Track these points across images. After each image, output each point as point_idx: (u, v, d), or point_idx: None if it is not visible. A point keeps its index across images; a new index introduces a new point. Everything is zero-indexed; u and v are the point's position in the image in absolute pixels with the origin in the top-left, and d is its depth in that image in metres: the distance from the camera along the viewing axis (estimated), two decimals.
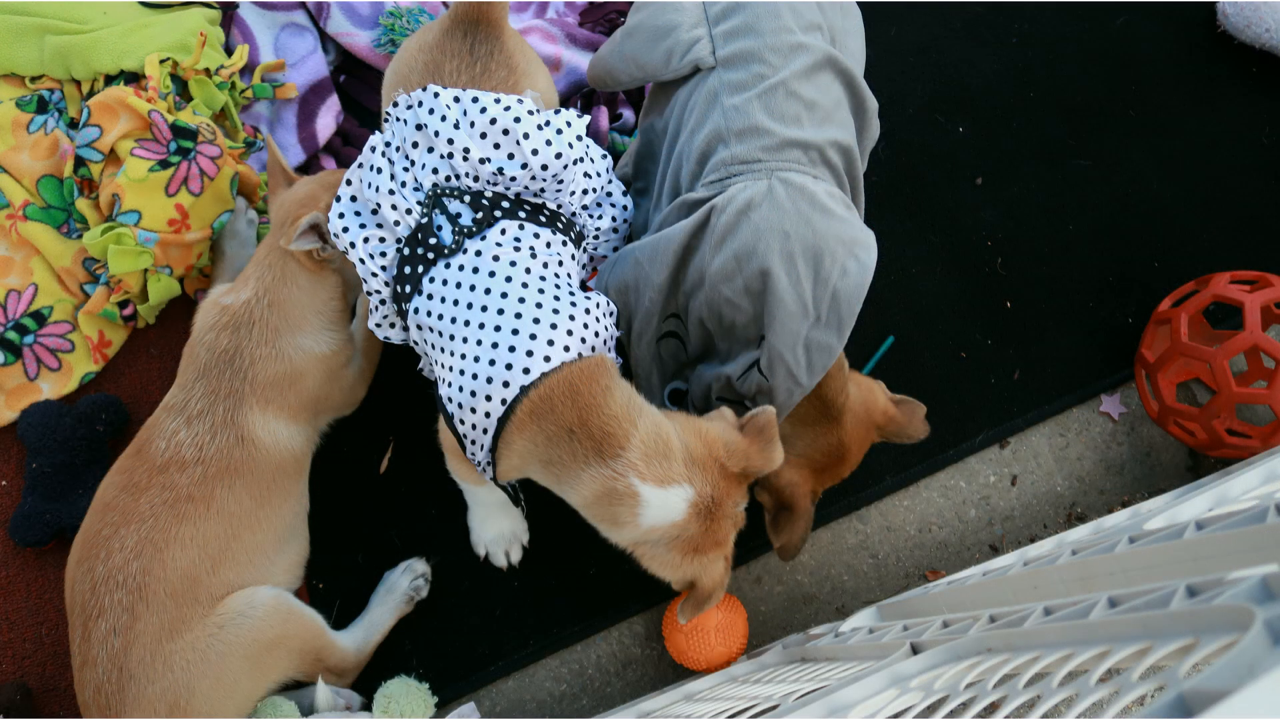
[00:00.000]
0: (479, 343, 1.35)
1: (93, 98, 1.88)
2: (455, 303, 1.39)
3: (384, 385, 1.85)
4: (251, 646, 1.50)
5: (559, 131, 1.51)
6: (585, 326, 1.38)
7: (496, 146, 1.47)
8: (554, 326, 1.34)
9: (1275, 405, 1.69)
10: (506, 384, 1.32)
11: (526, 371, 1.31)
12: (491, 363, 1.33)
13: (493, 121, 1.46)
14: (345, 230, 1.52)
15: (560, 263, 1.47)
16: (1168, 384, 1.90)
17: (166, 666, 1.45)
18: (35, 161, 1.94)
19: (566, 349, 1.34)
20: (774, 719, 1.00)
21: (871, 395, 1.59)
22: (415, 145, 1.49)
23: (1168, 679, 0.57)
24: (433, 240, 1.45)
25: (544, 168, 1.48)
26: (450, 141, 1.46)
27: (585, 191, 1.60)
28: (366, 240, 1.50)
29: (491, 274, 1.39)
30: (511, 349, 1.32)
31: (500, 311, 1.36)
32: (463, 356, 1.36)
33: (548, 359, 1.32)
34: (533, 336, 1.33)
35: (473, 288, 1.39)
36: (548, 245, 1.48)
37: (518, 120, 1.46)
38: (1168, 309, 1.92)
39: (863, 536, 1.93)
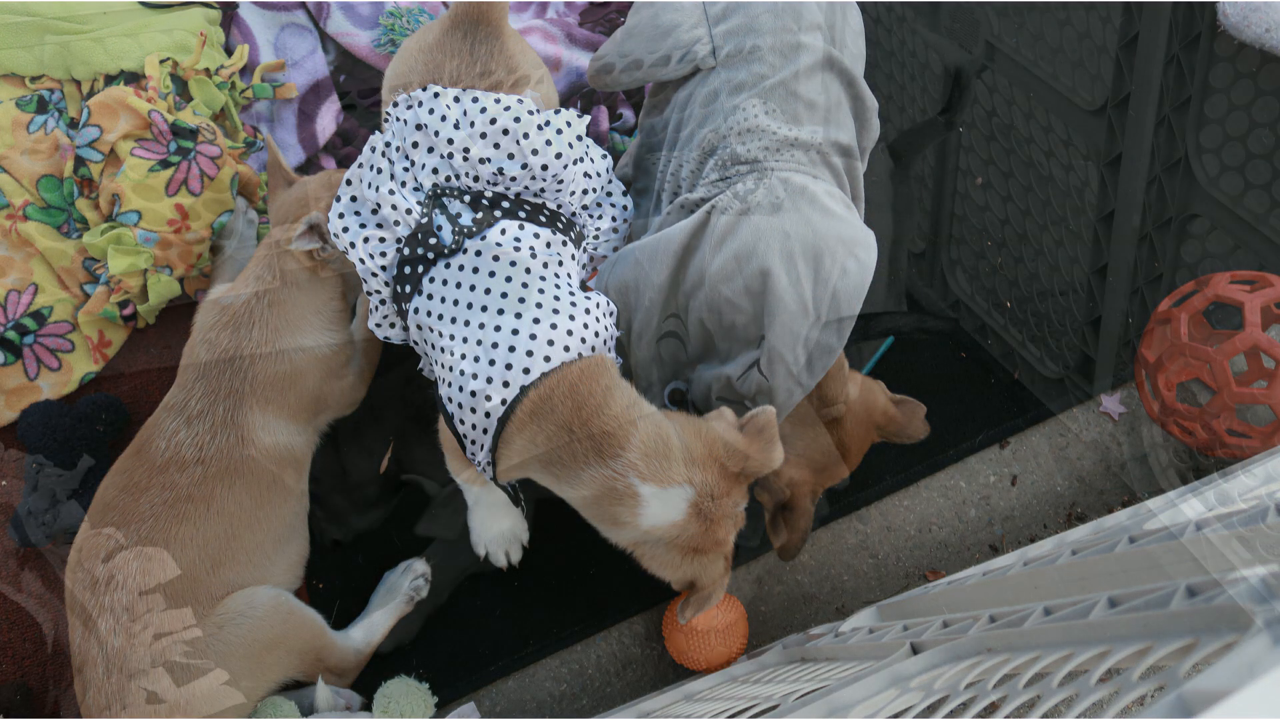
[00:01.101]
0: (479, 342, 1.35)
1: (93, 98, 1.87)
2: (455, 302, 1.39)
3: (384, 385, 1.85)
4: (251, 646, 1.50)
5: (559, 131, 1.51)
6: (585, 326, 1.38)
7: (496, 146, 1.47)
8: (554, 326, 1.34)
9: (1275, 405, 1.69)
10: (506, 384, 1.32)
11: (526, 371, 1.31)
12: (491, 362, 1.33)
13: (493, 121, 1.46)
14: (345, 230, 1.51)
15: (560, 263, 1.47)
16: (1168, 384, 1.90)
17: (167, 667, 1.45)
18: (35, 161, 1.93)
19: (566, 349, 1.34)
20: (774, 719, 1.00)
21: (871, 395, 1.59)
22: (415, 145, 1.49)
23: (1168, 679, 0.57)
24: (433, 240, 1.45)
25: (544, 168, 1.48)
26: (450, 141, 1.46)
27: (585, 191, 1.60)
28: (366, 240, 1.50)
29: (491, 274, 1.39)
30: (511, 349, 1.32)
31: (500, 311, 1.35)
32: (462, 356, 1.36)
33: (548, 359, 1.32)
34: (533, 336, 1.33)
35: (473, 287, 1.39)
36: (548, 245, 1.48)
37: (518, 120, 1.46)
38: (1168, 309, 1.92)
39: (863, 536, 1.93)
